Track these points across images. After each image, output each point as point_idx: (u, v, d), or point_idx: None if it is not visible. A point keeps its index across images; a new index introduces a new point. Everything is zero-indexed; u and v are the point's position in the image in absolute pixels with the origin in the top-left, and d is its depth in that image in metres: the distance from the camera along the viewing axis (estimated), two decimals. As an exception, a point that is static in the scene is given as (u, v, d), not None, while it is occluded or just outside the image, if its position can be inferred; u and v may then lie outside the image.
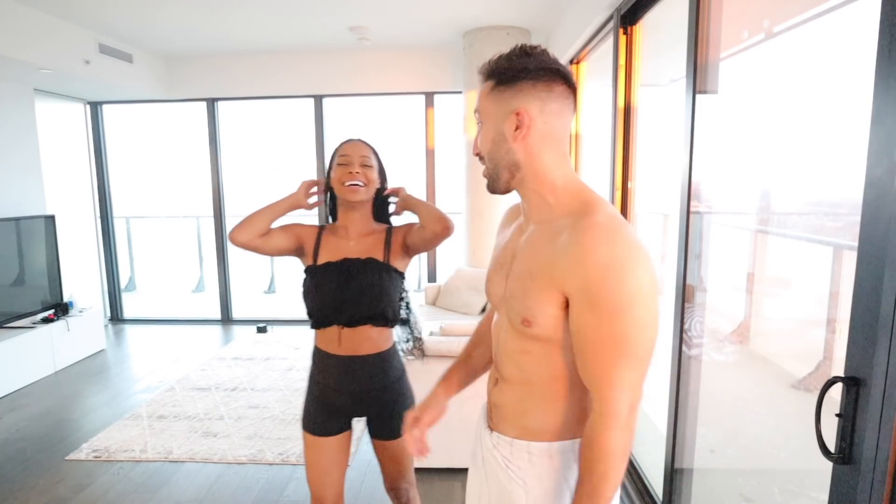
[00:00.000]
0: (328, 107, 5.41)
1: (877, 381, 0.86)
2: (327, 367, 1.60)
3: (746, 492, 1.79)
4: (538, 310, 0.91)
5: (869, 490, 0.88)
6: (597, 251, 0.83)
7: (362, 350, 1.58)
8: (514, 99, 0.92)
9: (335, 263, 1.57)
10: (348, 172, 1.54)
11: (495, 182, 0.98)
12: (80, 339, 4.51)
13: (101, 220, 5.67)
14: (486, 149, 0.97)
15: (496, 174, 0.97)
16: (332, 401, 1.62)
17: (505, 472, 1.02)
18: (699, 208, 1.85)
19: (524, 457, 1.00)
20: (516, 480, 1.00)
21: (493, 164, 0.97)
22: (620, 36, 2.53)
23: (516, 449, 1.00)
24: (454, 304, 4.44)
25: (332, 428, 1.63)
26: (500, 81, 0.94)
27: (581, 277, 0.84)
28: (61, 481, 2.68)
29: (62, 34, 3.94)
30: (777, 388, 1.77)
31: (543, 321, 0.91)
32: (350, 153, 1.57)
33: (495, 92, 0.94)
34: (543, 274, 0.90)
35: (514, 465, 1.00)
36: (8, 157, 4.24)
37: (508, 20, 4.17)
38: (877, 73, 0.88)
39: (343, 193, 1.56)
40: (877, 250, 0.87)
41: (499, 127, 0.94)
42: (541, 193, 0.96)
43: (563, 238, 0.89)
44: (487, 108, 0.96)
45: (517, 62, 0.93)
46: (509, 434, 1.02)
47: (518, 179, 0.96)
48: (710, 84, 1.76)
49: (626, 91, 2.57)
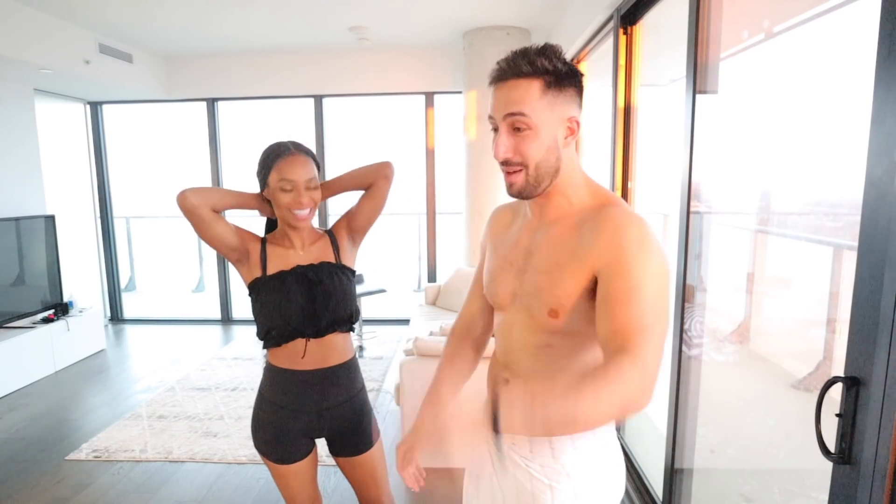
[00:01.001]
0: (328, 107, 5.41)
1: (877, 381, 0.86)
2: (289, 385, 1.47)
3: (746, 492, 1.79)
4: (566, 299, 0.92)
5: (869, 490, 0.88)
6: (629, 228, 0.88)
7: (330, 361, 1.49)
8: (567, 105, 0.92)
9: (290, 272, 1.45)
10: (298, 201, 1.41)
11: (535, 189, 0.96)
12: (80, 339, 4.51)
13: (101, 220, 5.67)
14: (540, 156, 0.93)
15: (539, 181, 0.95)
16: (290, 424, 1.48)
17: (525, 473, 1.00)
18: (699, 208, 1.85)
19: (547, 452, 0.98)
20: (539, 479, 0.98)
21: (540, 171, 0.94)
22: (620, 36, 2.53)
23: (536, 445, 0.99)
24: (454, 304, 4.44)
25: (297, 453, 1.51)
26: (550, 85, 0.90)
27: (614, 251, 0.87)
28: (61, 481, 2.68)
29: (62, 34, 3.94)
30: (777, 388, 1.77)
31: (570, 310, 0.92)
32: (294, 178, 1.39)
33: (548, 96, 0.90)
34: (572, 260, 0.92)
35: (536, 462, 0.99)
36: (8, 157, 4.24)
37: (508, 20, 4.17)
38: (877, 73, 0.88)
39: (292, 221, 1.44)
40: (877, 250, 0.87)
41: (553, 133, 0.93)
42: (566, 194, 0.98)
43: (589, 226, 0.92)
44: (541, 114, 0.91)
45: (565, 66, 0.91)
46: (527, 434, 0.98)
47: (553, 183, 0.96)
48: (710, 84, 1.76)
49: (626, 91, 2.57)
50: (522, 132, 0.92)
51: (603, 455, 1.01)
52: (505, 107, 0.92)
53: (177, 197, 1.41)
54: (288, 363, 1.47)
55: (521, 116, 0.90)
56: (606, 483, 1.02)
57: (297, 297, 1.43)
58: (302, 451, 1.52)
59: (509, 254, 1.06)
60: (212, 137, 5.45)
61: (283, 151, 1.42)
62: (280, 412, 1.48)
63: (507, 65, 0.92)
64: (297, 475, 1.53)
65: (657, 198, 2.66)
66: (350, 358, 1.55)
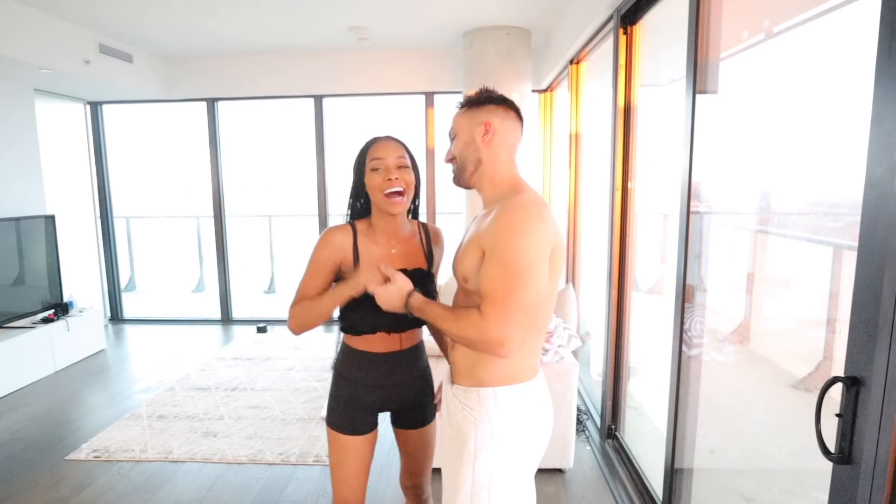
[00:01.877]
0: (328, 107, 5.41)
1: (877, 381, 0.86)
2: (364, 363, 1.56)
3: (746, 492, 1.79)
4: (469, 266, 1.23)
5: (869, 490, 0.88)
6: (505, 216, 1.16)
7: (405, 345, 1.58)
8: (482, 114, 1.30)
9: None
10: (387, 179, 1.42)
11: (461, 174, 1.34)
12: (80, 339, 4.51)
13: (101, 220, 5.67)
14: (459, 150, 1.32)
15: (463, 167, 1.33)
16: (364, 398, 1.58)
17: (461, 413, 1.29)
18: (699, 208, 1.85)
19: (475, 399, 1.27)
20: (469, 419, 1.27)
21: (462, 160, 1.32)
22: (620, 36, 2.53)
23: (469, 394, 1.28)
24: (454, 304, 4.44)
25: (363, 426, 1.59)
26: (471, 105, 1.33)
27: (491, 237, 1.16)
28: (61, 481, 2.68)
29: (62, 34, 3.94)
30: (777, 388, 1.77)
31: (472, 276, 1.23)
32: (384, 156, 1.44)
33: (468, 112, 1.32)
34: (474, 240, 1.23)
35: (469, 407, 1.28)
36: (8, 157, 4.24)
37: (508, 20, 4.17)
38: (877, 73, 0.88)
39: (385, 206, 1.44)
40: (877, 250, 0.87)
41: (470, 134, 1.31)
42: (493, 184, 1.31)
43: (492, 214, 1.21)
44: (461, 124, 1.33)
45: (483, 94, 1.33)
46: (465, 384, 1.30)
47: (479, 173, 1.31)
48: (710, 84, 1.76)
49: (626, 91, 2.57)
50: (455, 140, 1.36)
51: (520, 408, 1.27)
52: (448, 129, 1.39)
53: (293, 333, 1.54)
54: (364, 346, 1.55)
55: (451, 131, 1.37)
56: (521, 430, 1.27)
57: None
58: (369, 424, 1.60)
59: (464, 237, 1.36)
60: (212, 137, 5.45)
61: (375, 139, 1.51)
62: (355, 387, 1.57)
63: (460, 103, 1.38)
64: (356, 451, 1.58)
65: (657, 198, 2.65)
66: (419, 341, 1.64)
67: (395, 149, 1.47)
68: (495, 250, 1.15)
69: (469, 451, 1.25)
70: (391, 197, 1.43)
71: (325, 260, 1.48)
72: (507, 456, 1.25)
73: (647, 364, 2.76)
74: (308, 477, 2.70)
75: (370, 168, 1.45)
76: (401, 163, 1.46)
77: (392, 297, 1.31)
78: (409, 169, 1.48)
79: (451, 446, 1.33)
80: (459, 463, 1.27)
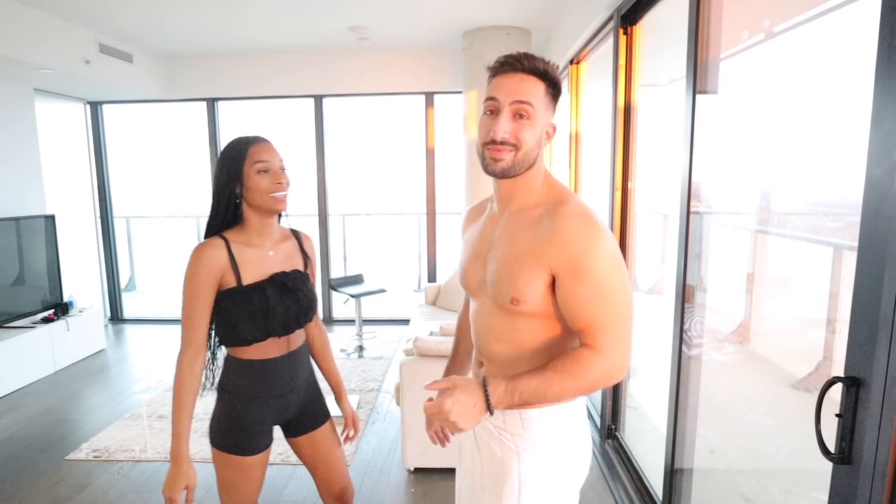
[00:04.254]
0: (328, 107, 5.41)
1: (877, 381, 0.86)
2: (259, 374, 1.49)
3: (746, 492, 1.79)
4: (526, 288, 1.02)
5: (869, 490, 0.88)
6: (578, 230, 0.98)
7: (295, 344, 1.54)
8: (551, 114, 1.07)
9: (268, 282, 1.45)
10: (276, 182, 1.41)
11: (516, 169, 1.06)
12: (80, 339, 4.51)
13: (101, 220, 5.67)
14: (531, 144, 1.04)
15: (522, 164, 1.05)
16: (261, 413, 1.50)
17: (497, 441, 1.10)
18: (699, 208, 1.85)
19: (516, 422, 1.08)
20: (509, 447, 1.09)
21: (527, 156, 1.05)
22: (620, 36, 2.53)
23: (510, 418, 1.09)
24: (454, 303, 4.44)
25: (263, 441, 1.53)
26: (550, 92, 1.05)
27: (567, 255, 0.98)
28: (61, 481, 2.68)
29: (62, 34, 3.94)
30: (777, 388, 1.77)
31: (531, 298, 1.03)
32: (269, 158, 1.42)
33: (547, 100, 1.04)
34: (529, 255, 1.02)
35: (507, 431, 1.09)
36: (8, 157, 4.24)
37: (508, 20, 4.17)
38: (877, 73, 0.88)
39: (271, 205, 1.42)
40: (877, 250, 0.87)
41: (542, 130, 1.06)
42: (531, 185, 1.09)
43: (545, 224, 1.02)
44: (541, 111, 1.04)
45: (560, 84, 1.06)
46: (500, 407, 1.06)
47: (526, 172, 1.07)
48: (710, 84, 1.76)
49: (626, 91, 2.57)
50: (524, 119, 1.02)
51: (569, 430, 1.10)
52: (516, 93, 1.01)
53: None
54: (257, 354, 1.48)
55: (529, 106, 1.01)
56: (570, 455, 1.11)
57: (279, 307, 1.44)
58: (267, 439, 1.55)
59: (476, 245, 1.17)
60: (212, 137, 5.45)
61: (250, 140, 1.44)
62: (249, 403, 1.49)
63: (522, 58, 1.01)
64: (260, 468, 1.53)
65: (657, 198, 2.65)
66: (304, 340, 1.61)
67: (275, 151, 1.46)
68: (578, 270, 0.97)
69: (513, 485, 1.07)
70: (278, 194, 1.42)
71: (205, 279, 1.39)
72: (557, 487, 1.09)
73: (647, 364, 2.76)
74: (308, 477, 2.69)
75: (256, 170, 1.40)
76: (283, 164, 1.45)
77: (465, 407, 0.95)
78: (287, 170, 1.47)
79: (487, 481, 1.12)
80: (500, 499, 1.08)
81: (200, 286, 1.39)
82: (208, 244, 1.41)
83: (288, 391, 1.54)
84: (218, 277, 1.41)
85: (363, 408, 3.50)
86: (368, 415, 3.40)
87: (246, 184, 1.41)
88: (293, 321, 1.49)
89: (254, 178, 1.40)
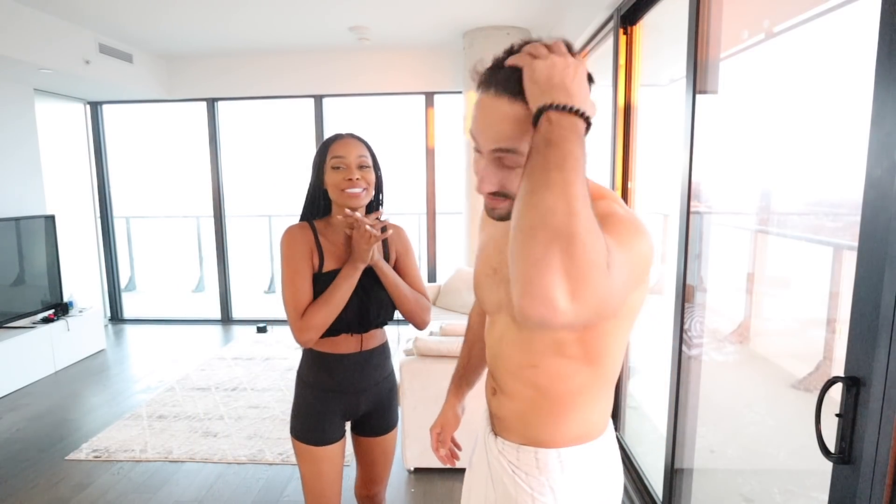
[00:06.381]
0: (328, 107, 5.41)
1: (877, 381, 0.86)
2: (330, 368, 1.52)
3: (746, 492, 1.79)
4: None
5: (869, 490, 0.88)
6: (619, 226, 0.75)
7: (368, 345, 1.55)
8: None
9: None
10: (347, 179, 1.41)
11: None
12: (80, 339, 4.51)
13: (101, 220, 5.67)
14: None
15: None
16: (331, 405, 1.53)
17: (511, 479, 0.97)
18: (699, 208, 1.85)
19: (531, 462, 0.95)
20: (523, 488, 0.95)
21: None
22: (620, 36, 2.53)
23: (523, 454, 0.96)
24: (454, 304, 4.44)
25: (334, 434, 1.54)
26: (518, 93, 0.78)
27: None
28: (61, 481, 2.68)
29: (62, 34, 3.93)
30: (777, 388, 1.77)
31: None
32: (345, 154, 1.43)
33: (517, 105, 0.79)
34: None
35: (522, 471, 0.96)
36: (8, 157, 4.24)
37: (508, 20, 4.17)
38: (877, 73, 0.88)
39: (344, 201, 1.43)
40: (877, 250, 0.87)
41: None
42: None
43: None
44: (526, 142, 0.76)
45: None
46: (515, 441, 0.97)
47: None
48: (710, 84, 1.76)
49: (626, 91, 2.57)
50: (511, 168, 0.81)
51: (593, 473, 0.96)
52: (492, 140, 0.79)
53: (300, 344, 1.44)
54: (329, 348, 1.51)
55: (512, 155, 0.79)
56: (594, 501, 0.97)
57: (353, 302, 1.45)
58: (338, 433, 1.56)
59: (492, 257, 1.01)
60: (212, 137, 5.45)
61: (336, 137, 1.48)
62: (322, 394, 1.52)
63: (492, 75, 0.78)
64: (330, 460, 1.54)
65: (657, 198, 2.66)
66: (384, 342, 1.62)
67: (356, 147, 1.45)
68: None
69: None
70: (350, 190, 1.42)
71: (301, 255, 1.43)
72: None
73: (647, 364, 2.76)
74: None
75: (331, 166, 1.44)
76: (362, 161, 1.44)
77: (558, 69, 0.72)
78: (370, 168, 1.47)
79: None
80: None
81: (299, 263, 1.42)
82: (296, 226, 1.47)
83: (358, 390, 1.55)
84: (309, 255, 1.44)
85: (363, 408, 3.50)
86: (368, 415, 3.40)
87: (325, 179, 1.46)
88: (365, 319, 1.49)
89: (329, 174, 1.44)
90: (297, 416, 1.55)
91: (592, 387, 0.92)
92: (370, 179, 1.46)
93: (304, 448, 1.53)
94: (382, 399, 1.62)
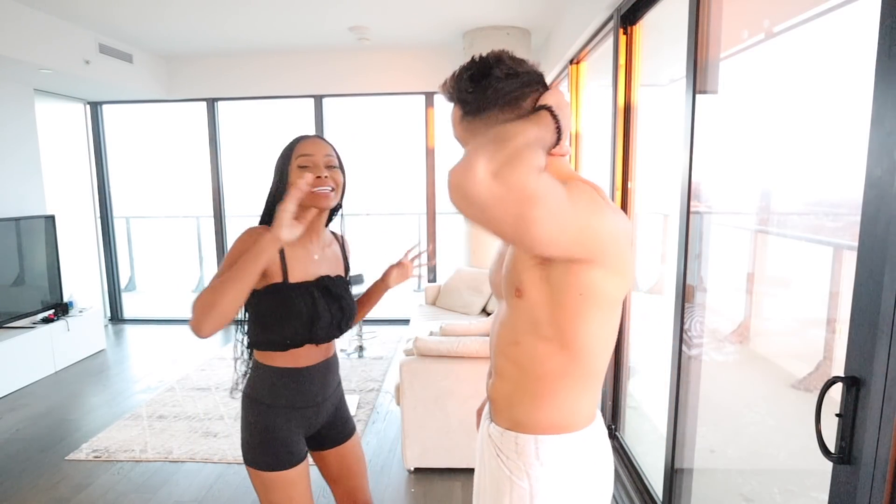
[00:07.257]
0: (328, 107, 5.41)
1: (877, 381, 0.86)
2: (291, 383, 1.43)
3: (746, 492, 1.79)
4: (525, 274, 0.93)
5: (869, 490, 0.88)
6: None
7: (328, 353, 1.51)
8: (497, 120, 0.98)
9: (314, 284, 1.41)
10: (317, 177, 1.35)
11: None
12: (80, 339, 4.51)
13: (101, 220, 5.67)
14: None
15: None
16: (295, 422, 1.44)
17: (496, 462, 1.03)
18: (699, 208, 1.85)
19: (512, 446, 1.00)
20: (504, 471, 1.00)
21: None
22: (620, 36, 2.53)
23: (506, 439, 1.01)
24: (454, 304, 4.44)
25: (300, 452, 1.44)
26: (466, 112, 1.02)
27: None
28: (61, 481, 2.68)
29: (62, 34, 3.94)
30: (777, 388, 1.77)
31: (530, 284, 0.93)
32: (313, 152, 1.37)
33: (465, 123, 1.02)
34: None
35: (504, 454, 1.01)
36: (8, 157, 4.24)
37: (508, 20, 4.17)
38: (877, 73, 0.88)
39: (313, 201, 1.35)
40: (877, 250, 0.87)
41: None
42: None
43: None
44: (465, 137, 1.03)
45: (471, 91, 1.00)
46: (502, 425, 1.03)
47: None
48: (710, 84, 1.76)
49: (626, 91, 2.57)
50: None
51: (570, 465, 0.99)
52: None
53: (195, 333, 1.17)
54: (290, 362, 1.42)
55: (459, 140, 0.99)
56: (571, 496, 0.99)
57: (325, 313, 1.40)
58: (304, 450, 1.47)
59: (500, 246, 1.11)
60: (212, 137, 5.45)
61: (302, 137, 1.43)
62: (286, 412, 1.42)
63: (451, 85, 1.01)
64: (302, 480, 1.44)
65: (657, 198, 2.66)
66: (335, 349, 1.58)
67: (324, 147, 1.41)
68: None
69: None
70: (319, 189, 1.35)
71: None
72: None
73: (647, 364, 2.76)
74: (308, 477, 2.70)
75: (297, 165, 1.37)
76: (329, 161, 1.40)
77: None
78: (337, 169, 1.42)
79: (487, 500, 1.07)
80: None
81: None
82: (261, 228, 1.28)
83: (320, 401, 1.49)
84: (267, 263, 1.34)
85: (363, 408, 3.50)
86: (368, 415, 3.40)
87: (290, 180, 1.38)
88: (336, 328, 1.45)
89: (296, 174, 1.37)
90: (259, 445, 1.40)
91: (570, 375, 0.97)
92: (338, 180, 1.41)
93: (271, 477, 1.39)
94: (340, 404, 1.59)
